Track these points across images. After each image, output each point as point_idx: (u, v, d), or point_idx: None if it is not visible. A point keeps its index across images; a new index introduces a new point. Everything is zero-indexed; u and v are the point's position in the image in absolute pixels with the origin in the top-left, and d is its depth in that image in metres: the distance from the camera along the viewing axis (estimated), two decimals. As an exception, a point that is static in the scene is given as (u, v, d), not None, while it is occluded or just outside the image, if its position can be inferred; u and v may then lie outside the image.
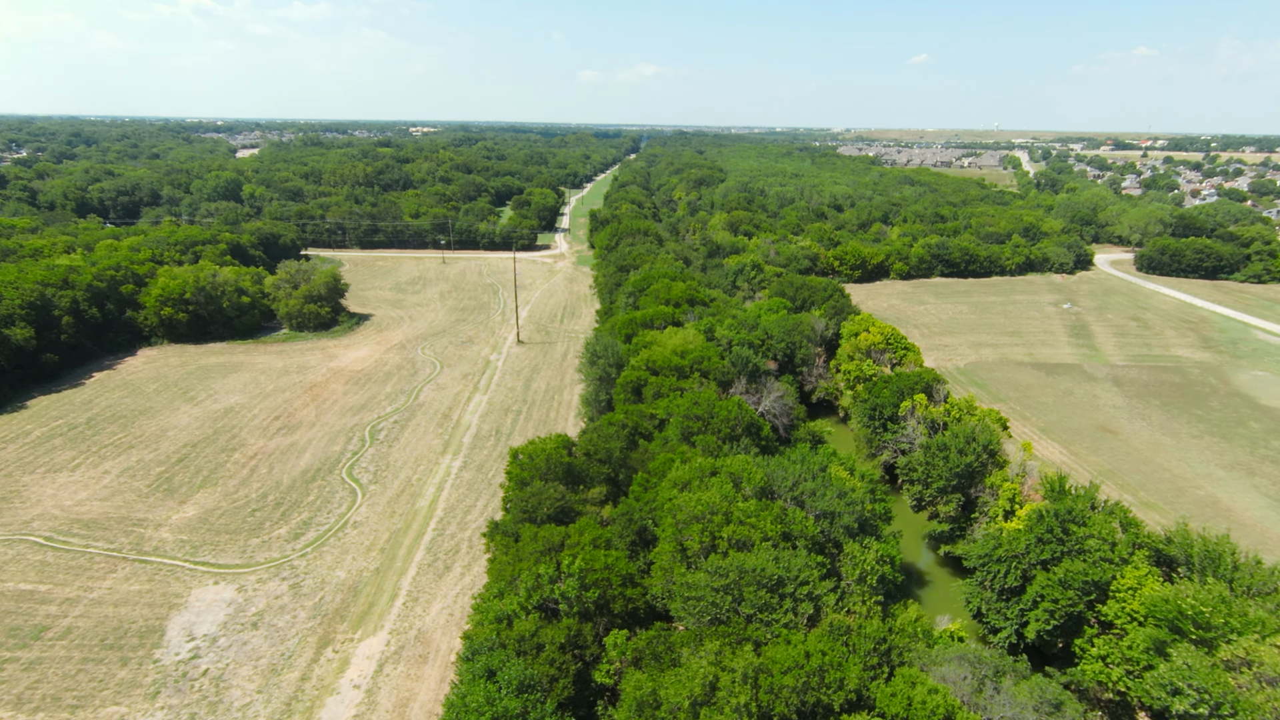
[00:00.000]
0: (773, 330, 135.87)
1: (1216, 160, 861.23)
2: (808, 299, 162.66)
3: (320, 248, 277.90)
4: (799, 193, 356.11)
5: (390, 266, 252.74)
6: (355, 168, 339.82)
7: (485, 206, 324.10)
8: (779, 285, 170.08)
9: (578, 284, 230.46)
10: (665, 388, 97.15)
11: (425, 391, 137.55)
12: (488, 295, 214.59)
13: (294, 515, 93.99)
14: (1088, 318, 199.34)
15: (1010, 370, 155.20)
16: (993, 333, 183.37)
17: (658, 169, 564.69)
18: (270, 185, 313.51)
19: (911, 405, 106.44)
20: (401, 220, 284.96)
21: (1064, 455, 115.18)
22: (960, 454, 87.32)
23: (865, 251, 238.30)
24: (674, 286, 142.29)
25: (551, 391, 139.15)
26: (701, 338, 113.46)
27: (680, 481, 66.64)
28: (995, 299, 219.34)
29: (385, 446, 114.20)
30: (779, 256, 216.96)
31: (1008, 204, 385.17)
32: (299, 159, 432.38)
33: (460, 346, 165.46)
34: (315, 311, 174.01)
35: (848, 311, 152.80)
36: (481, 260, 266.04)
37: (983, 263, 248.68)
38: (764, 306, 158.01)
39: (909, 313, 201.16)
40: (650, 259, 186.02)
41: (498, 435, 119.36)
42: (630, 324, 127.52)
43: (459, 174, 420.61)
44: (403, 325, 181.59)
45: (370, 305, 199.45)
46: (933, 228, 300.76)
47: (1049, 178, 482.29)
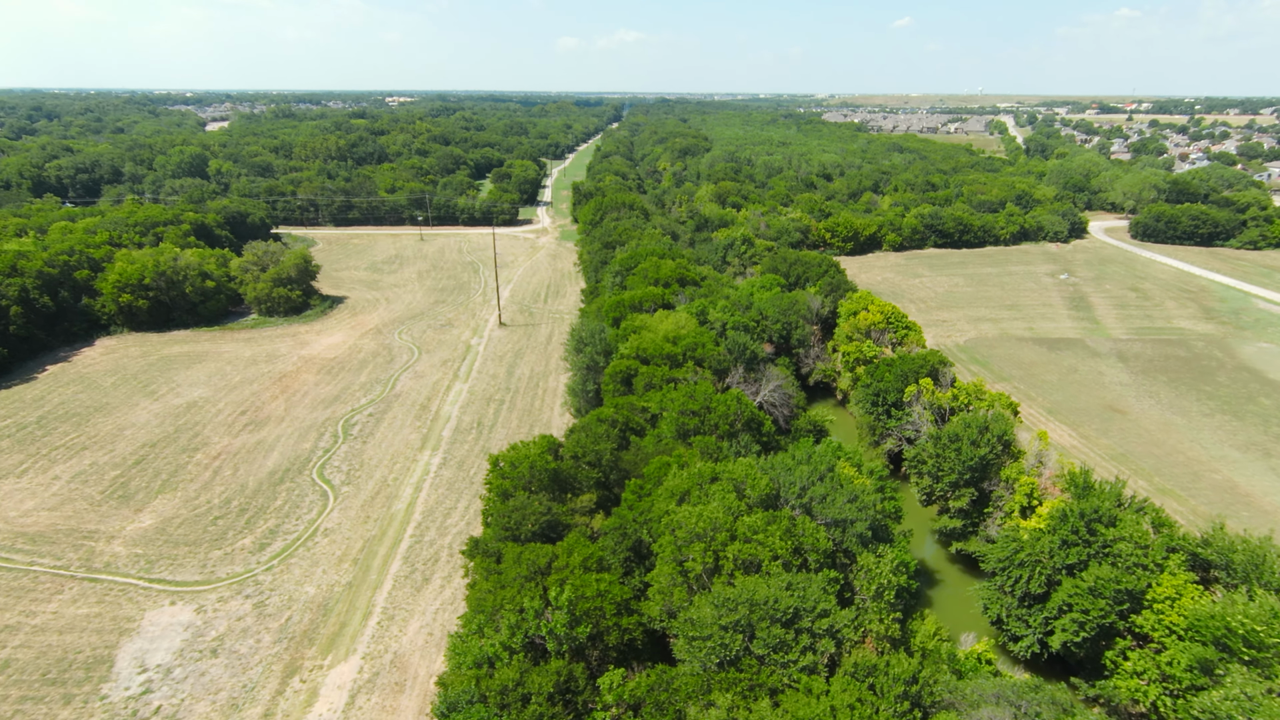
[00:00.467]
0: (767, 310, 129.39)
1: (1202, 123, 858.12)
2: (802, 275, 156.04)
3: (292, 225, 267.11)
4: (787, 162, 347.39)
5: (366, 245, 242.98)
6: (327, 141, 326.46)
7: (464, 180, 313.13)
8: (771, 261, 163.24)
9: (561, 260, 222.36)
10: (657, 378, 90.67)
11: (402, 380, 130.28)
12: (468, 274, 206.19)
13: (260, 522, 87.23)
14: (1086, 289, 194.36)
15: (1011, 346, 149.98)
16: (991, 306, 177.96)
17: (641, 138, 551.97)
18: (238, 161, 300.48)
19: (917, 390, 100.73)
20: (376, 196, 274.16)
21: (1073, 438, 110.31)
22: (973, 446, 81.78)
23: (857, 223, 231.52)
24: (663, 265, 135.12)
25: (536, 378, 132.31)
26: (694, 321, 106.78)
27: (678, 491, 60.49)
28: (991, 270, 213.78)
29: (359, 443, 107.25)
30: (769, 230, 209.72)
31: (998, 171, 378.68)
32: (269, 132, 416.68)
33: (439, 330, 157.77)
34: (285, 295, 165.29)
35: (844, 288, 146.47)
36: (461, 237, 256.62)
37: (977, 232, 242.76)
38: (756, 284, 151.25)
39: (904, 286, 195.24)
40: (636, 234, 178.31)
41: (479, 428, 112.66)
42: (618, 306, 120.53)
43: (436, 146, 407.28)
44: (379, 308, 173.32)
45: (344, 287, 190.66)
46: (924, 196, 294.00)
47: (1038, 143, 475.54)
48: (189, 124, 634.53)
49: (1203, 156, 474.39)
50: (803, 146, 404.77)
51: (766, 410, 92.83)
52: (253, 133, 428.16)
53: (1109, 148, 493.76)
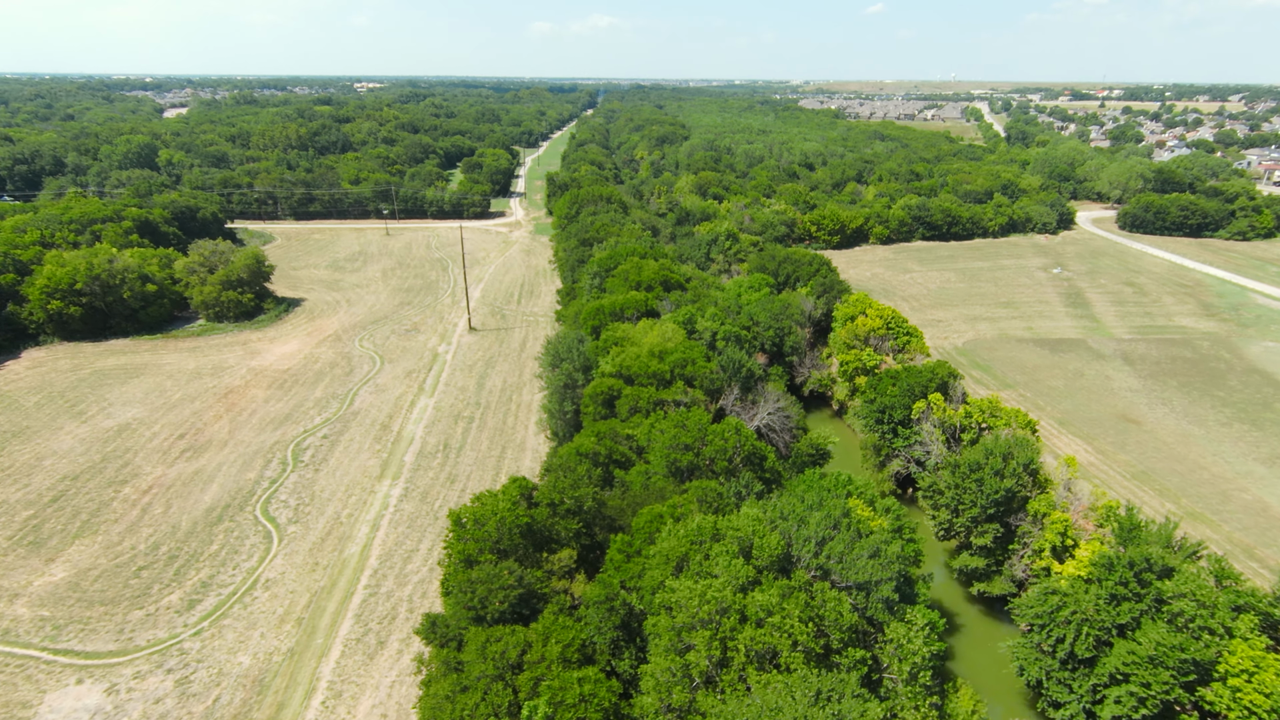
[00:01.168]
0: (759, 316, 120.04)
1: (1173, 110, 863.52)
2: (792, 274, 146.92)
3: (249, 220, 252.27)
4: (768, 151, 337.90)
5: (327, 240, 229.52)
6: (287, 129, 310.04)
7: (433, 170, 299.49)
8: (759, 259, 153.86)
9: (536, 256, 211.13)
10: (643, 400, 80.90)
11: (362, 395, 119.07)
12: (436, 272, 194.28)
13: (191, 573, 76.24)
14: (1081, 284, 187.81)
15: (1012, 348, 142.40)
16: (986, 304, 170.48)
17: (617, 125, 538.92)
18: (191, 150, 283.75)
19: (926, 407, 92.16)
20: (339, 188, 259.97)
21: (1089, 453, 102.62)
22: (997, 477, 73.25)
23: (844, 215, 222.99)
24: (645, 266, 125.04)
25: (509, 390, 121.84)
26: (681, 333, 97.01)
27: (674, 555, 50.93)
28: (982, 264, 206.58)
29: (311, 471, 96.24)
30: (754, 224, 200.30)
31: (981, 159, 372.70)
32: (228, 119, 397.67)
33: (404, 336, 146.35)
34: (235, 299, 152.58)
35: (837, 289, 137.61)
36: (429, 231, 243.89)
37: (965, 224, 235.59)
38: (744, 284, 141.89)
39: (895, 283, 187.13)
40: (615, 230, 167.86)
41: (446, 450, 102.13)
42: (597, 314, 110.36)
43: (404, 134, 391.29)
44: (339, 311, 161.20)
45: (302, 287, 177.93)
46: (909, 186, 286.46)
47: (1019, 131, 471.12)
48: (145, 110, 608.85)
49: (1179, 144, 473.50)
50: (783, 135, 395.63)
51: (765, 435, 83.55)
52: (210, 120, 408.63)
53: (1088, 135, 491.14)
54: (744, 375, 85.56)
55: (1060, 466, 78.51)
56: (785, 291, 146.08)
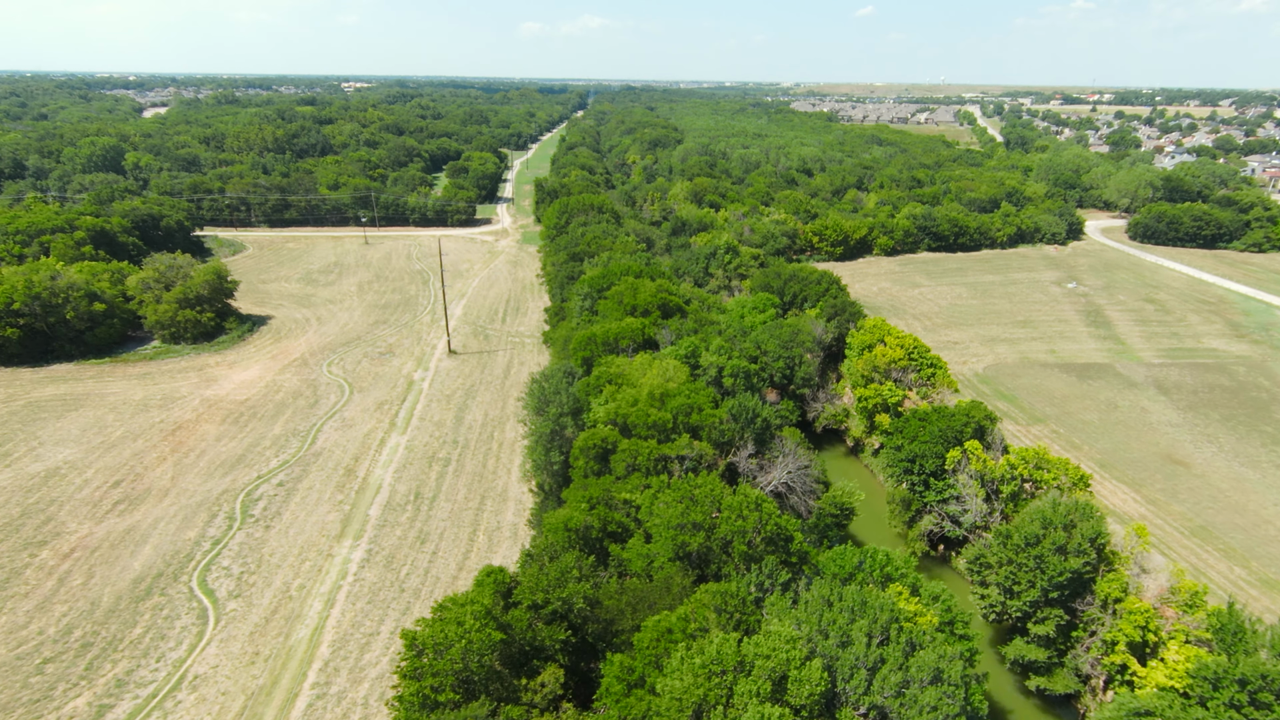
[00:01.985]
0: (767, 344, 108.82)
1: (1165, 114, 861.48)
2: (799, 294, 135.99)
3: (220, 227, 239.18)
4: (764, 155, 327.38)
5: (302, 249, 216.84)
6: (264, 131, 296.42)
7: (417, 174, 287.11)
8: (763, 277, 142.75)
9: (523, 269, 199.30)
10: (643, 457, 69.45)
11: (326, 432, 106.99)
12: (416, 286, 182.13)
13: (105, 666, 64.17)
14: (1099, 300, 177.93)
15: (1036, 374, 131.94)
16: (1002, 323, 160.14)
17: (608, 128, 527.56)
18: (161, 153, 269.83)
19: (962, 456, 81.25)
20: (316, 193, 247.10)
21: (1139, 503, 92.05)
22: (1059, 555, 62.29)
23: (847, 225, 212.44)
24: (640, 288, 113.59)
25: (491, 425, 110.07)
26: (684, 370, 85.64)
27: (689, 700, 39.51)
28: (993, 278, 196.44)
29: (261, 528, 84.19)
30: (754, 235, 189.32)
31: (981, 165, 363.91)
32: (203, 120, 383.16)
33: (377, 361, 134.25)
34: (193, 319, 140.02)
35: (849, 311, 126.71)
36: (411, 240, 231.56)
37: (973, 235, 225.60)
38: (748, 305, 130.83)
39: (904, 299, 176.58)
40: (607, 243, 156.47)
41: (417, 501, 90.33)
42: (588, 344, 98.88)
43: (389, 136, 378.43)
44: (308, 331, 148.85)
45: (271, 303, 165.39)
46: (911, 194, 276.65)
47: (1018, 136, 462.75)
48: (123, 109, 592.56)
49: (1178, 150, 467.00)
50: (779, 139, 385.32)
51: (782, 495, 72.20)
52: (186, 120, 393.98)
53: (1086, 141, 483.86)
54: (759, 427, 74.29)
55: (1129, 537, 67.58)
56: (791, 314, 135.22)
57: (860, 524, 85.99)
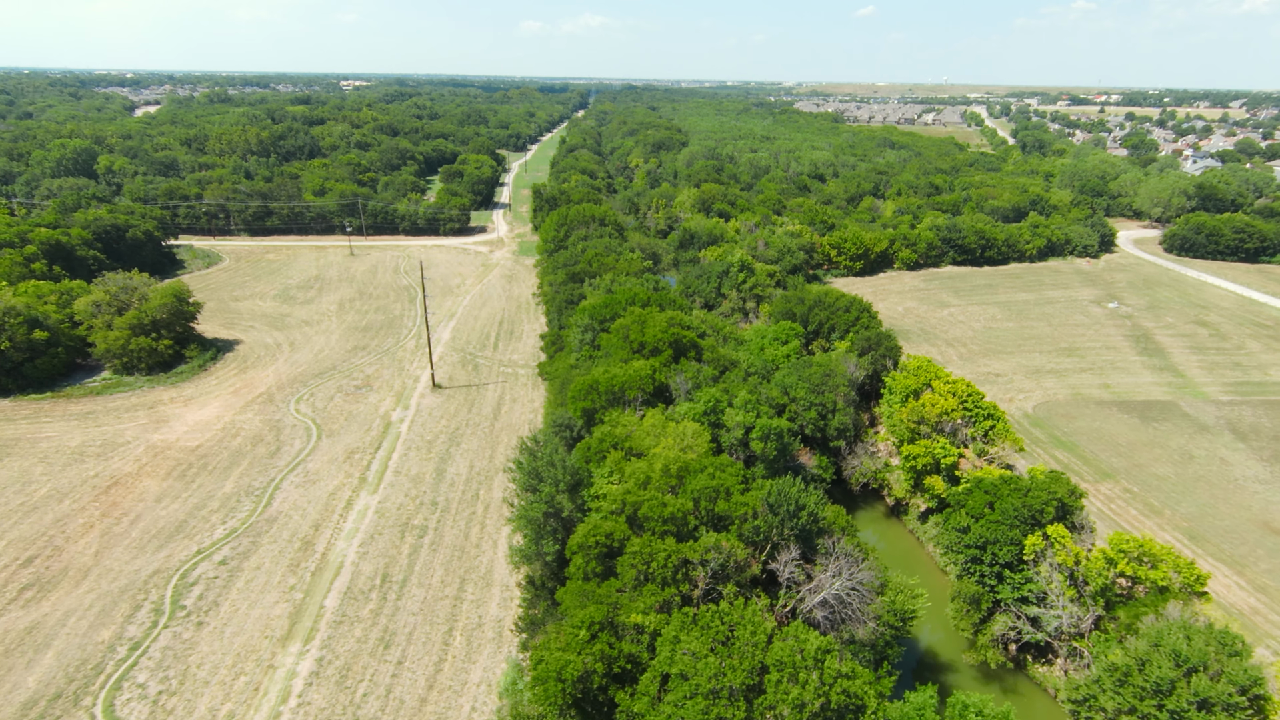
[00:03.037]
0: (795, 389, 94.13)
1: (1176, 116, 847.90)
2: (825, 322, 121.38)
3: (198, 236, 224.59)
4: (774, 159, 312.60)
5: (283, 261, 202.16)
6: (247, 133, 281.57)
7: (409, 179, 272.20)
8: (784, 302, 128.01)
9: (519, 284, 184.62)
10: (658, 562, 54.86)
11: (285, 489, 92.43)
12: (402, 304, 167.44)
13: (-35, 843, 49.71)
14: (1145, 322, 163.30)
15: (1094, 415, 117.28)
16: (1045, 350, 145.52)
17: (609, 129, 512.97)
18: (137, 156, 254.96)
19: (1045, 545, 66.72)
20: (300, 199, 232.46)
21: (1246, 592, 77.41)
22: (1201, 710, 47.72)
23: (866, 238, 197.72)
24: (649, 321, 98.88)
25: (476, 481, 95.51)
26: (705, 435, 71.08)
27: None
28: (1027, 297, 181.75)
29: (192, 625, 69.59)
30: (769, 250, 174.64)
31: (998, 170, 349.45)
32: (189, 120, 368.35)
33: (352, 397, 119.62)
34: (149, 347, 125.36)
35: (885, 345, 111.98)
36: (400, 250, 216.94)
37: (1000, 247, 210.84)
38: (768, 335, 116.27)
39: (933, 321, 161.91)
40: (610, 261, 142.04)
41: (385, 586, 75.73)
42: (589, 393, 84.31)
43: (383, 137, 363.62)
44: (278, 359, 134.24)
45: (241, 324, 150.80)
46: (930, 202, 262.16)
47: (1034, 139, 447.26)
48: (113, 107, 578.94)
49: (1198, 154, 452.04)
50: (788, 142, 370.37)
51: (830, 605, 57.45)
52: (173, 120, 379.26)
53: (1104, 144, 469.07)
54: (803, 520, 59.52)
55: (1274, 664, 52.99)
56: (817, 344, 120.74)
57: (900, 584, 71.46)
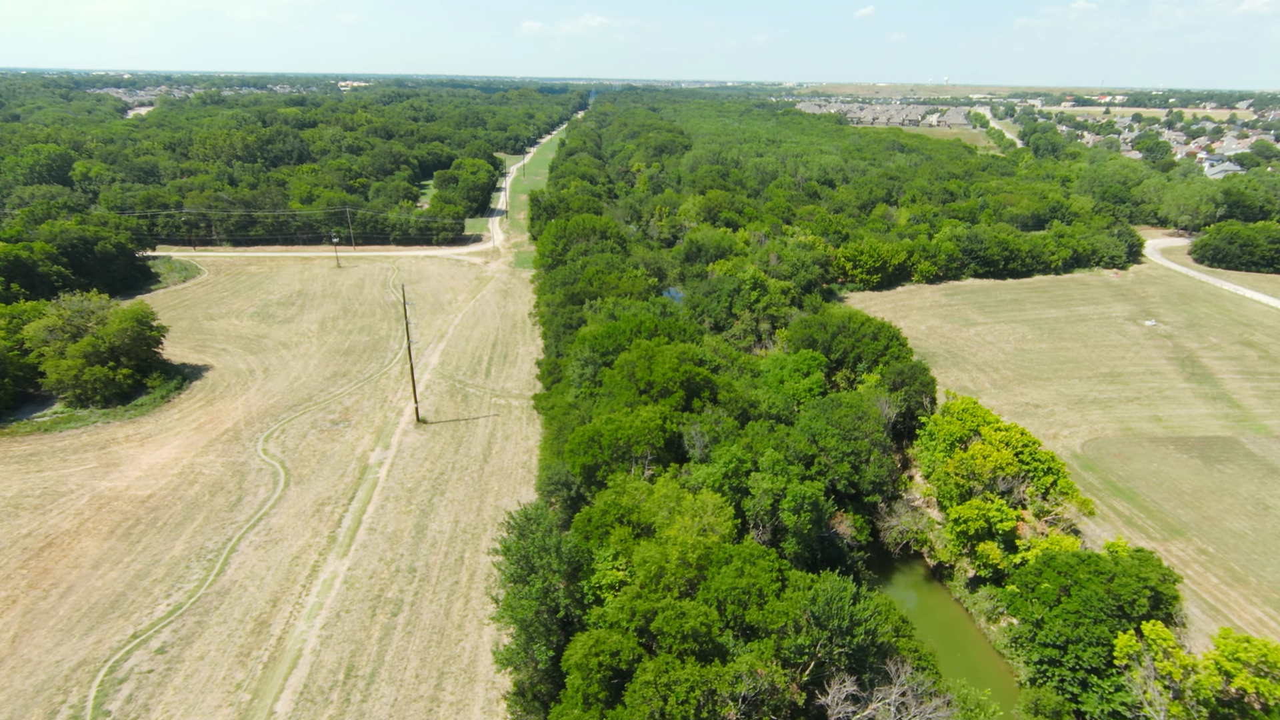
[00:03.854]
0: (824, 436, 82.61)
1: (1183, 117, 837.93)
2: (850, 350, 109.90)
3: (178, 246, 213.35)
4: (781, 164, 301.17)
5: (265, 274, 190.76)
6: (233, 137, 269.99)
7: (402, 185, 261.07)
8: (803, 327, 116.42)
9: (515, 300, 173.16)
10: (677, 699, 43.43)
11: (243, 551, 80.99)
12: (389, 323, 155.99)
13: None
14: (1187, 343, 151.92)
15: (1149, 455, 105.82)
16: (1085, 375, 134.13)
17: (610, 131, 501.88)
18: (116, 162, 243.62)
19: (1141, 646, 55.30)
20: (286, 208, 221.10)
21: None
22: None
23: (884, 249, 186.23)
24: (658, 357, 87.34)
25: (461, 541, 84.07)
26: (728, 511, 59.64)
27: None
28: (1057, 313, 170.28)
29: (115, 739, 58.24)
30: (781, 264, 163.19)
31: (1012, 174, 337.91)
32: (176, 123, 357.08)
33: (327, 434, 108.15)
34: (105, 376, 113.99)
35: (920, 379, 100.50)
36: (390, 261, 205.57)
37: (1024, 259, 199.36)
38: (788, 366, 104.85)
39: (959, 341, 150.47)
40: (613, 280, 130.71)
41: (349, 682, 64.25)
42: (590, 446, 72.90)
43: (376, 140, 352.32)
44: (250, 388, 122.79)
45: (214, 347, 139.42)
46: (945, 209, 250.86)
47: (1047, 143, 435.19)
48: (103, 110, 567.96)
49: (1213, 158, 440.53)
50: (795, 145, 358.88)
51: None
52: (159, 124, 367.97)
53: (1117, 146, 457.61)
54: (858, 639, 47.91)
55: None
56: (842, 378, 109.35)
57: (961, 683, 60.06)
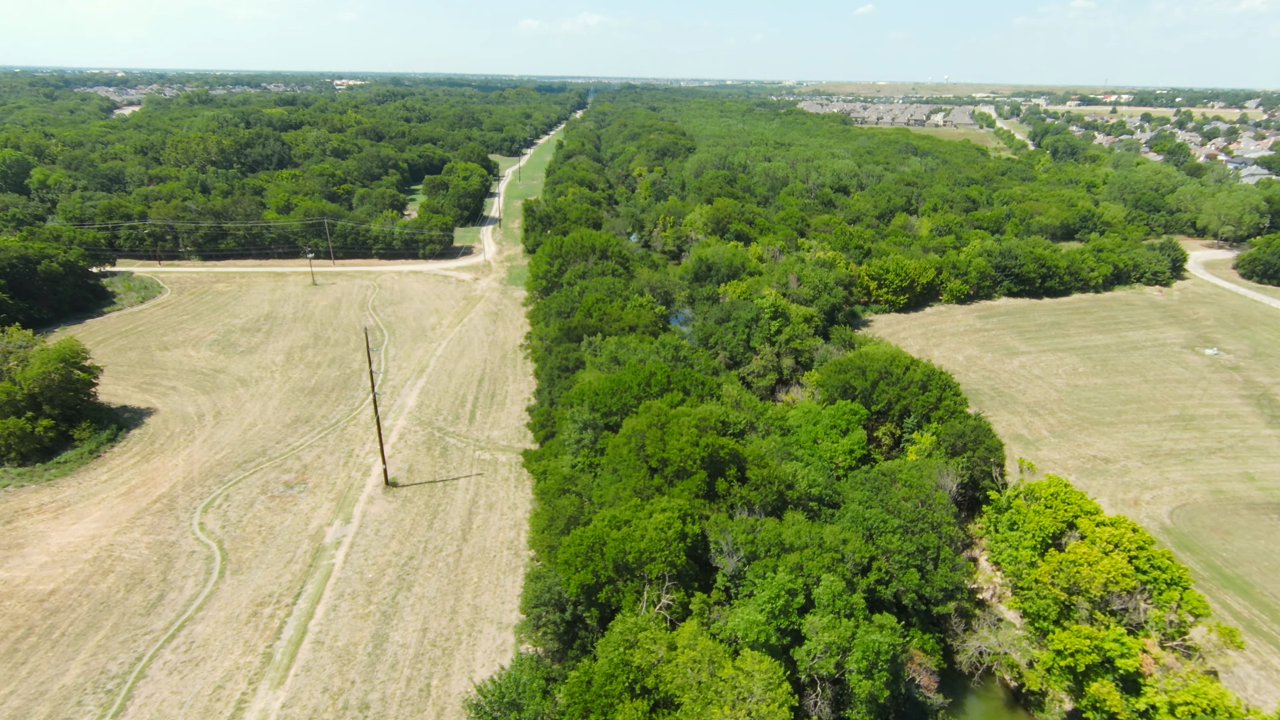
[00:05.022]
0: (883, 533, 66.08)
1: (1193, 117, 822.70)
2: (894, 402, 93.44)
3: (142, 260, 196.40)
4: (791, 169, 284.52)
5: (232, 293, 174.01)
6: (208, 141, 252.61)
7: (388, 193, 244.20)
8: (838, 372, 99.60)
9: (505, 324, 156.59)
10: None
11: (153, 678, 64.44)
12: (364, 353, 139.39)
13: None
14: (1258, 376, 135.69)
15: (1254, 527, 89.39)
16: (1153, 420, 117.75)
17: (609, 132, 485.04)
18: (79, 168, 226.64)
19: None
20: (260, 218, 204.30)
21: None
22: None
23: (911, 267, 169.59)
24: (674, 427, 70.64)
25: (429, 661, 67.48)
26: (782, 690, 43.07)
27: None
28: (1105, 340, 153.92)
29: None
30: (802, 286, 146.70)
31: (1033, 179, 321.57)
32: (154, 125, 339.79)
33: (278, 500, 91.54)
34: (22, 430, 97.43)
35: (985, 442, 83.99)
36: (371, 279, 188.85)
37: (1062, 276, 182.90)
38: (823, 422, 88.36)
39: (1004, 376, 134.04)
40: (615, 309, 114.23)
41: None
42: (589, 559, 56.51)
43: (364, 142, 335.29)
44: (196, 438, 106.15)
45: (162, 385, 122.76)
46: (968, 218, 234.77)
47: (1065, 144, 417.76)
48: (87, 109, 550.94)
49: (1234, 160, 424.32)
50: (804, 149, 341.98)
51: None
52: (135, 126, 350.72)
53: (1136, 147, 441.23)
54: None
55: None
56: (885, 434, 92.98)
57: None
